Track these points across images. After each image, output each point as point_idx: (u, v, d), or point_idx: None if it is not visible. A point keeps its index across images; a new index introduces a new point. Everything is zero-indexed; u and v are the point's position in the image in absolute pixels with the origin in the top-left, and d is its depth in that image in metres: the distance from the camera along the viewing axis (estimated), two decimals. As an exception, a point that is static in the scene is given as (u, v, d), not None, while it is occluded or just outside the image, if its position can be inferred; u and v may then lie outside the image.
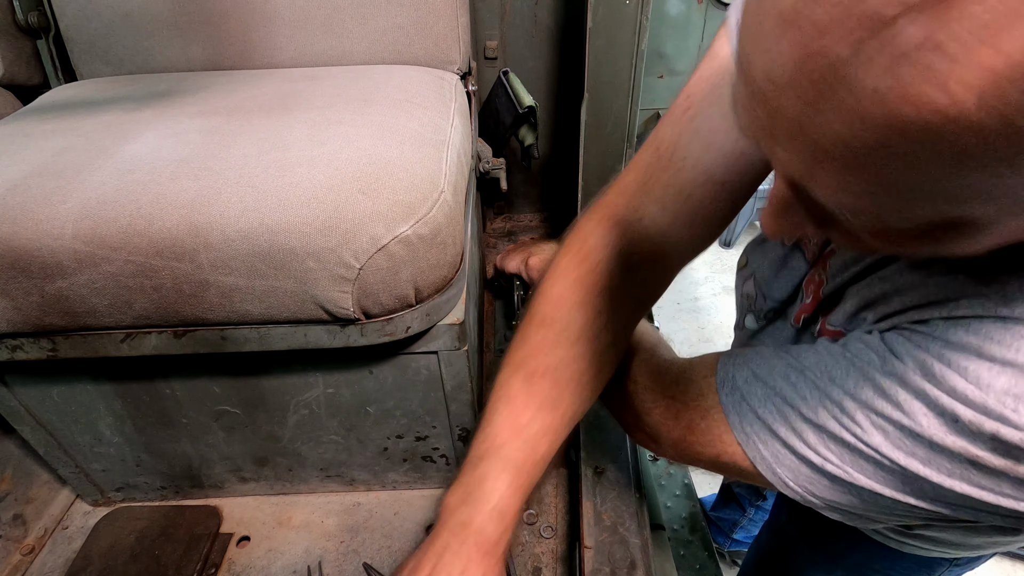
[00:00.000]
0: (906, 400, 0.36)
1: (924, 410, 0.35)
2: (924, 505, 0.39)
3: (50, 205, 0.58)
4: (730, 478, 0.52)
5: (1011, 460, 0.33)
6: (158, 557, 0.79)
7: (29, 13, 0.94)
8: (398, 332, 0.64)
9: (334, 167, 0.61)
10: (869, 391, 0.38)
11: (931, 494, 0.38)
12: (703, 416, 0.50)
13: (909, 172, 0.22)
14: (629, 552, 0.68)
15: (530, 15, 1.18)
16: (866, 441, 0.38)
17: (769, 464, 0.45)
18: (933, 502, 0.38)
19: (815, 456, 0.42)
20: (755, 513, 1.42)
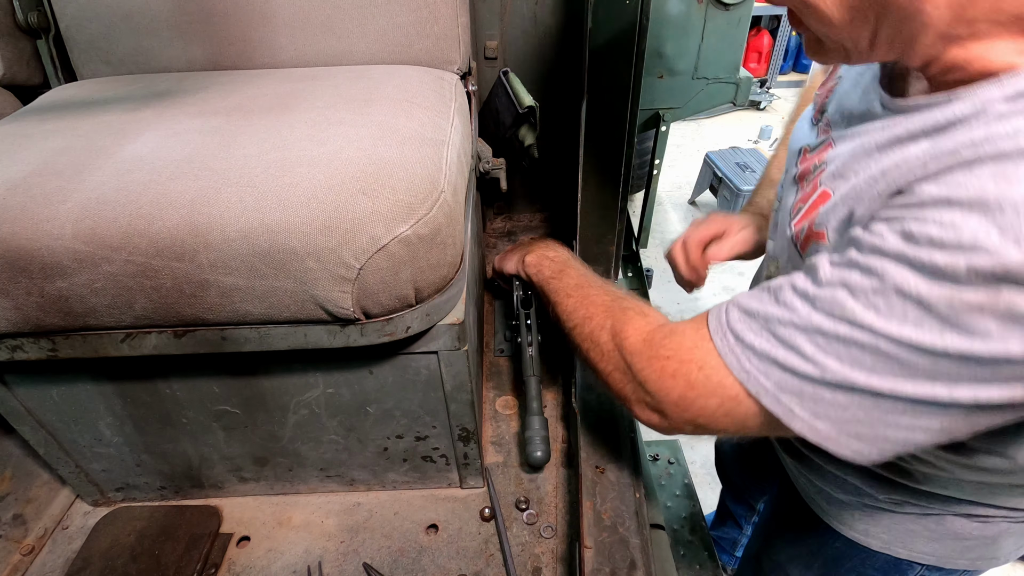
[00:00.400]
0: (890, 268, 0.38)
1: (906, 271, 0.37)
2: (922, 393, 0.39)
3: (50, 205, 0.58)
4: (738, 433, 0.52)
5: (991, 290, 0.34)
6: (158, 557, 0.79)
7: (29, 13, 0.94)
8: (398, 332, 0.64)
9: (334, 167, 0.61)
10: (856, 275, 0.40)
11: (927, 370, 0.38)
12: (700, 367, 0.50)
13: None
14: (629, 552, 0.68)
15: (530, 15, 1.18)
16: (860, 322, 0.40)
17: (773, 395, 0.45)
18: (931, 382, 0.38)
19: (814, 368, 0.43)
20: (752, 530, 1.42)
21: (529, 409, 0.86)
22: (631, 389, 0.59)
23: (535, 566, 0.77)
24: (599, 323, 0.65)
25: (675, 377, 0.52)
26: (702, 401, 0.51)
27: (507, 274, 0.99)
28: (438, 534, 0.82)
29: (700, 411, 0.51)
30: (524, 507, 0.84)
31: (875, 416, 0.42)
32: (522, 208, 1.48)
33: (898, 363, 0.39)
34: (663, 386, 0.53)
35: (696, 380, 0.51)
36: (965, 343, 0.36)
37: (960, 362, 0.37)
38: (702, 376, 0.50)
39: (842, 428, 0.44)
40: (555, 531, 0.81)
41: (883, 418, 0.42)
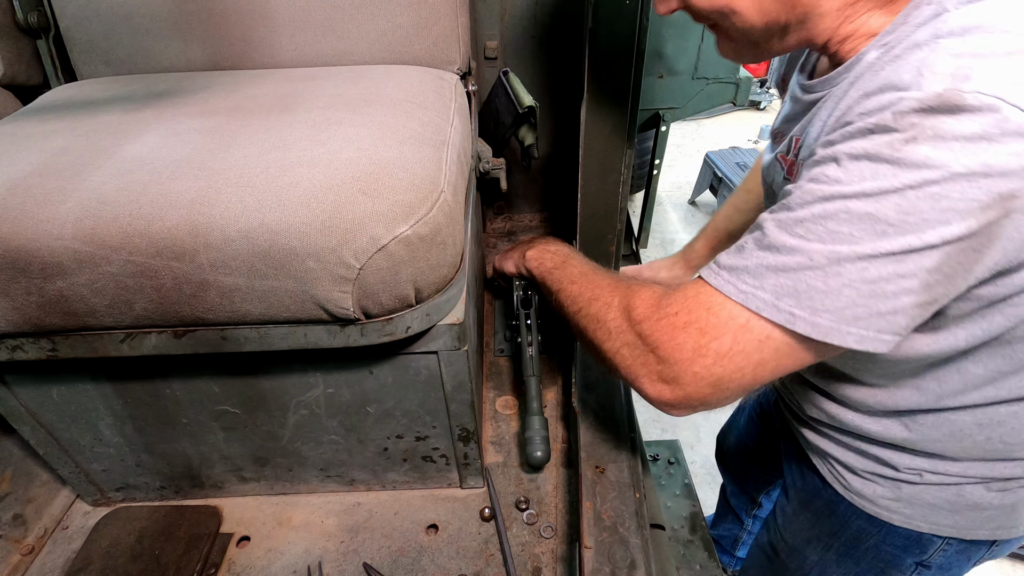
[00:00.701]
0: (839, 148, 0.46)
1: (852, 143, 0.46)
2: (898, 245, 0.44)
3: (50, 205, 0.58)
4: (755, 377, 0.53)
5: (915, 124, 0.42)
6: (158, 557, 0.79)
7: (29, 13, 0.94)
8: (398, 332, 0.64)
9: (334, 167, 0.61)
10: (815, 171, 0.48)
11: (896, 220, 0.44)
12: (707, 308, 0.53)
13: None
14: (629, 552, 0.68)
15: (530, 15, 1.18)
16: (829, 195, 0.46)
17: (772, 304, 0.49)
18: (901, 234, 0.44)
19: (801, 258, 0.47)
20: (753, 524, 1.42)
21: (529, 409, 0.86)
22: (642, 361, 0.58)
23: (535, 566, 0.77)
24: (606, 301, 0.65)
25: (686, 328, 0.54)
26: (716, 344, 0.52)
27: (507, 273, 0.99)
28: (438, 534, 0.82)
29: (716, 357, 0.52)
30: (524, 507, 0.84)
31: (865, 292, 0.46)
32: (522, 208, 1.48)
33: (871, 221, 0.44)
34: (676, 341, 0.54)
35: (706, 323, 0.53)
36: (913, 174, 0.42)
37: (917, 196, 0.42)
38: (711, 317, 0.53)
39: (840, 316, 0.47)
40: (555, 531, 0.81)
41: (872, 290, 0.46)
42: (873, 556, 0.80)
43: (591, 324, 0.67)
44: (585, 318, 0.69)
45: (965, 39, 0.44)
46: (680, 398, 0.57)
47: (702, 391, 0.55)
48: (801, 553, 0.89)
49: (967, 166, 0.41)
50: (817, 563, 0.87)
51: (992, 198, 0.41)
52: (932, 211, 0.42)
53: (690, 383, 0.55)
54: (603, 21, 0.82)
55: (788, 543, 0.92)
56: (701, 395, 0.55)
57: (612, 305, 0.64)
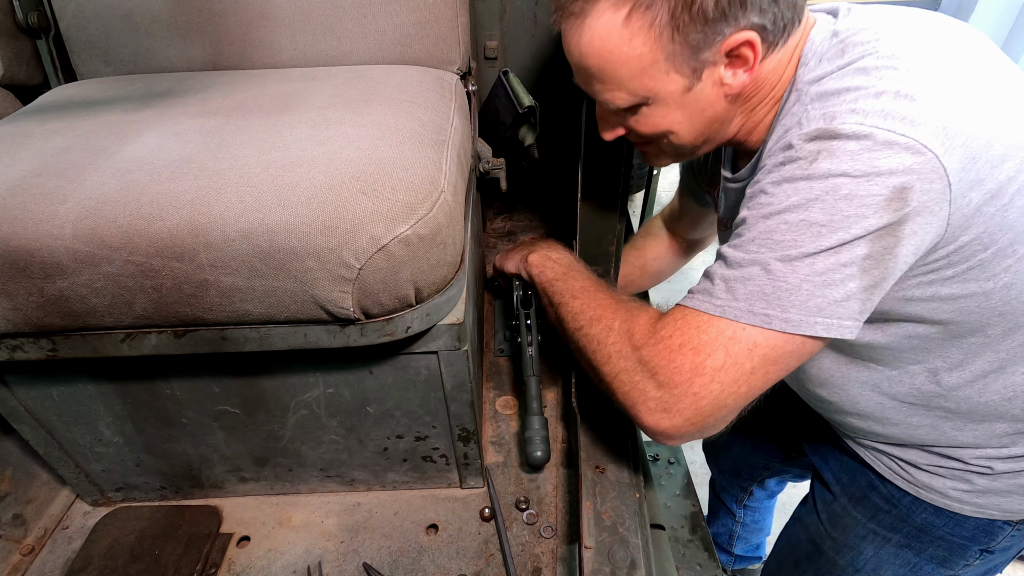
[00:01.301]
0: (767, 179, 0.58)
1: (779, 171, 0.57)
2: (835, 239, 0.53)
3: (50, 205, 0.58)
4: (748, 389, 0.58)
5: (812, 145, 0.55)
6: (158, 557, 0.79)
7: (29, 13, 0.94)
8: (398, 332, 0.64)
9: (334, 167, 0.61)
10: (756, 200, 0.58)
11: (826, 220, 0.53)
12: (696, 328, 0.59)
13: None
14: (629, 552, 0.68)
15: (530, 15, 1.18)
16: (771, 212, 0.56)
17: (748, 309, 0.56)
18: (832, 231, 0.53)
19: (759, 268, 0.56)
20: (745, 515, 1.42)
21: (529, 409, 0.86)
22: (640, 388, 0.61)
23: (535, 566, 0.77)
24: (607, 324, 0.68)
25: (682, 349, 0.58)
26: (711, 360, 0.57)
27: (508, 273, 0.99)
28: (438, 534, 0.82)
29: (712, 373, 0.57)
30: (524, 507, 0.84)
31: (819, 283, 0.54)
32: (522, 208, 1.48)
33: (806, 226, 0.54)
34: (674, 364, 0.58)
35: (698, 341, 0.58)
36: (825, 183, 0.53)
37: (835, 199, 0.52)
38: (701, 335, 0.58)
39: (805, 308, 0.55)
40: (555, 531, 0.81)
41: (824, 280, 0.54)
42: (937, 547, 0.80)
43: (591, 345, 0.69)
44: (585, 337, 0.71)
45: (825, 100, 0.57)
46: (677, 425, 0.59)
47: (700, 413, 0.58)
48: (854, 548, 0.88)
49: (860, 170, 0.52)
50: (872, 557, 0.87)
51: (890, 191, 0.51)
52: (850, 208, 0.52)
53: (689, 406, 0.58)
54: (603, 21, 0.82)
55: (837, 539, 0.90)
56: (699, 417, 0.59)
57: (613, 328, 0.67)
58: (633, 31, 0.59)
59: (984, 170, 0.53)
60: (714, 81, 0.62)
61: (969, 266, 0.58)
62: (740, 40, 0.58)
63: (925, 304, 0.62)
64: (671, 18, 0.57)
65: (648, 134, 0.69)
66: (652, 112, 0.66)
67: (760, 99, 0.66)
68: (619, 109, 0.67)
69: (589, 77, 0.65)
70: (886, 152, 0.51)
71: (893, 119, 0.51)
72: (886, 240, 0.53)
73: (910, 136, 0.51)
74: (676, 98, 0.64)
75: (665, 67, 0.61)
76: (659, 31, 0.58)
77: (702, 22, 0.57)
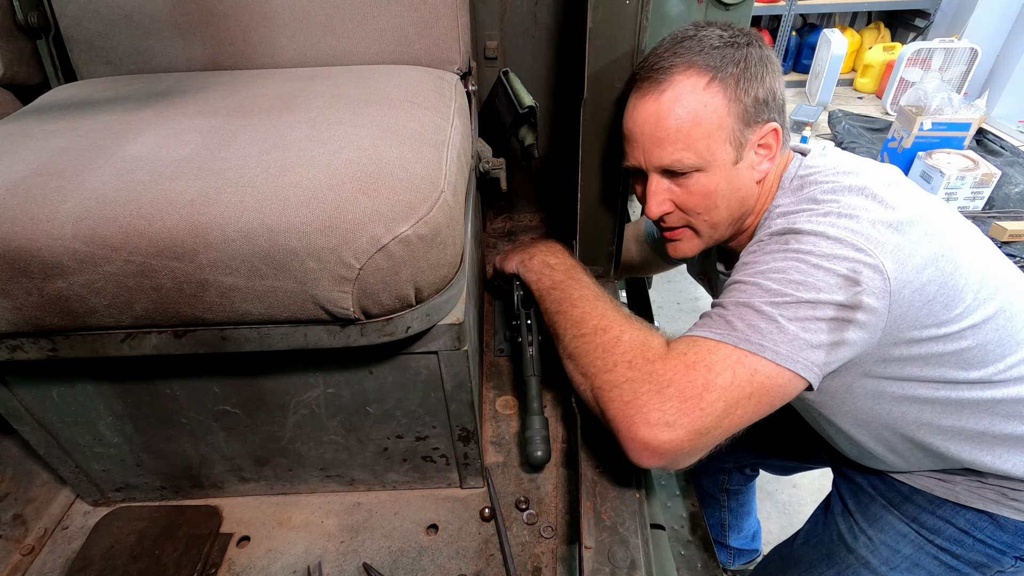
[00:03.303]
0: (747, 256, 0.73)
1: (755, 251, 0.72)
2: (803, 296, 0.64)
3: (50, 205, 0.58)
4: (750, 411, 0.65)
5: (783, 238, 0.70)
6: (158, 557, 0.79)
7: (29, 13, 0.94)
8: (398, 332, 0.64)
9: (334, 167, 0.61)
10: (740, 267, 0.72)
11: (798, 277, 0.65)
12: (708, 350, 0.65)
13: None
14: (629, 552, 0.68)
15: (530, 15, 1.18)
16: (753, 272, 0.69)
17: (746, 339, 0.64)
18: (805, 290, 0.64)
19: (753, 311, 0.65)
20: (730, 501, 1.43)
21: (529, 409, 0.86)
22: (644, 400, 0.64)
23: (535, 566, 0.77)
24: (616, 335, 0.72)
25: (696, 365, 0.64)
26: (720, 378, 0.63)
27: (508, 274, 0.99)
28: (438, 534, 0.82)
29: (720, 391, 0.63)
30: (524, 507, 0.84)
31: (799, 328, 0.64)
32: (522, 208, 1.48)
33: (787, 281, 0.65)
34: (688, 378, 0.64)
35: (711, 360, 0.64)
36: (798, 255, 0.66)
37: (807, 266, 0.65)
38: (712, 355, 0.65)
39: (792, 346, 0.63)
40: (555, 531, 0.81)
41: (804, 327, 0.64)
42: (977, 552, 0.83)
43: (595, 352, 0.72)
44: (588, 344, 0.73)
45: (786, 217, 0.73)
46: (674, 440, 0.63)
47: (700, 430, 0.63)
48: (891, 547, 0.90)
49: (823, 251, 0.65)
50: (909, 556, 0.89)
51: (847, 270, 0.64)
52: (819, 275, 0.64)
53: (694, 421, 0.62)
54: (603, 21, 0.82)
55: (874, 538, 0.92)
56: (697, 435, 0.63)
57: (623, 339, 0.71)
58: (711, 94, 0.73)
59: (911, 274, 0.65)
60: (749, 164, 0.77)
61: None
62: (769, 128, 0.76)
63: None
64: (736, 89, 0.73)
65: (693, 206, 0.79)
66: (705, 179, 0.76)
67: (759, 205, 0.81)
68: (677, 176, 0.77)
69: (661, 140, 0.75)
70: (838, 244, 0.65)
71: (838, 227, 0.66)
72: (846, 312, 0.64)
73: (853, 240, 0.65)
74: (726, 168, 0.76)
75: (725, 136, 0.74)
76: (729, 98, 0.73)
77: (752, 101, 0.74)
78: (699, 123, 0.73)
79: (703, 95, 0.73)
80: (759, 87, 0.73)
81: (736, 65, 0.73)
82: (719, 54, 0.73)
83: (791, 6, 3.56)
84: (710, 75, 0.72)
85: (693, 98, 0.73)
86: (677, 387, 0.64)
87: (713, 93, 0.72)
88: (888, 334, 0.68)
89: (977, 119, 2.41)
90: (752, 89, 0.73)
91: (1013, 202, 2.27)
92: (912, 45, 3.19)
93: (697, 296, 2.61)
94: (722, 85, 0.72)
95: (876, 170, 0.75)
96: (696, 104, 0.73)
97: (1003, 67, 3.26)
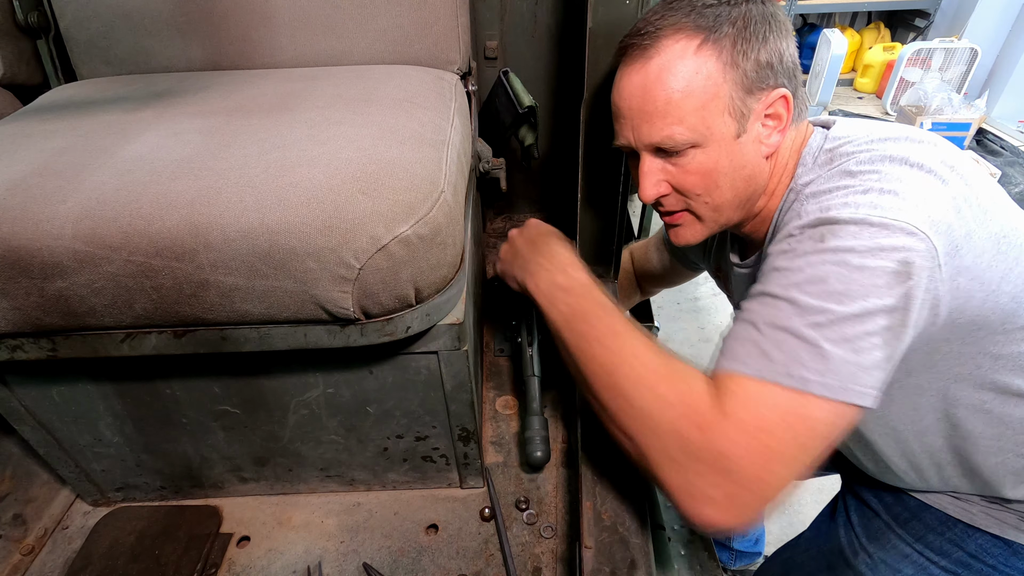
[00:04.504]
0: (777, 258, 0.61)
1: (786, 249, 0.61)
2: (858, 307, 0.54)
3: (50, 205, 0.58)
4: (804, 454, 0.56)
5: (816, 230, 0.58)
6: (158, 557, 0.79)
7: (29, 13, 0.94)
8: (398, 332, 0.64)
9: (334, 167, 0.61)
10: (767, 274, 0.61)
11: (845, 288, 0.55)
12: (748, 395, 0.56)
13: None
14: (629, 552, 0.68)
15: (530, 15, 1.18)
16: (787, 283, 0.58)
17: (786, 371, 0.55)
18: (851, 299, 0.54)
19: (797, 326, 0.56)
20: None
21: (529, 409, 0.86)
22: (707, 479, 0.55)
23: (535, 566, 0.77)
24: (658, 392, 0.61)
25: (754, 435, 0.54)
26: (781, 446, 0.54)
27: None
28: (438, 534, 0.82)
29: (783, 459, 0.54)
30: (524, 507, 0.84)
31: (849, 349, 0.54)
32: (522, 208, 1.48)
33: (827, 293, 0.55)
34: (749, 454, 0.54)
35: (764, 419, 0.54)
36: (836, 255, 0.56)
37: (848, 270, 0.55)
38: (762, 410, 0.55)
39: (842, 376, 0.54)
40: (555, 531, 0.81)
41: (853, 347, 0.54)
42: (985, 574, 0.78)
43: (635, 414, 0.61)
44: (626, 401, 0.62)
45: (819, 198, 0.62)
46: (744, 516, 0.55)
47: (768, 499, 0.55)
48: (893, 567, 0.85)
49: (865, 246, 0.55)
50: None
51: (896, 264, 0.54)
52: (864, 278, 0.54)
53: (761, 498, 0.55)
54: (603, 21, 0.82)
55: (874, 556, 0.87)
56: (764, 502, 0.55)
57: (668, 400, 0.59)
58: (703, 59, 0.64)
59: (968, 259, 0.57)
60: (754, 138, 0.67)
61: None
62: (777, 96, 0.66)
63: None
64: (732, 52, 0.64)
65: (692, 187, 0.70)
66: (703, 156, 0.67)
67: (773, 184, 0.71)
68: (671, 153, 0.68)
69: (649, 114, 0.67)
70: (883, 232, 0.55)
71: (882, 208, 0.56)
72: (900, 314, 0.55)
73: (901, 220, 0.55)
74: (726, 143, 0.67)
75: (722, 106, 0.65)
76: (724, 63, 0.64)
77: (754, 64, 0.64)
78: (691, 93, 0.64)
79: (694, 60, 0.64)
80: (761, 48, 0.64)
81: (732, 24, 0.64)
82: (712, 13, 0.64)
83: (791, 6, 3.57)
84: (702, 36, 0.64)
85: (683, 65, 0.64)
86: (736, 461, 0.54)
87: (706, 57, 0.64)
88: (945, 329, 0.59)
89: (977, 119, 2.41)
90: (753, 51, 0.64)
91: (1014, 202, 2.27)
92: (912, 45, 3.19)
93: (697, 296, 2.61)
94: (716, 47, 0.64)
95: (921, 136, 0.64)
96: (687, 71, 0.64)
97: (1003, 67, 3.27)
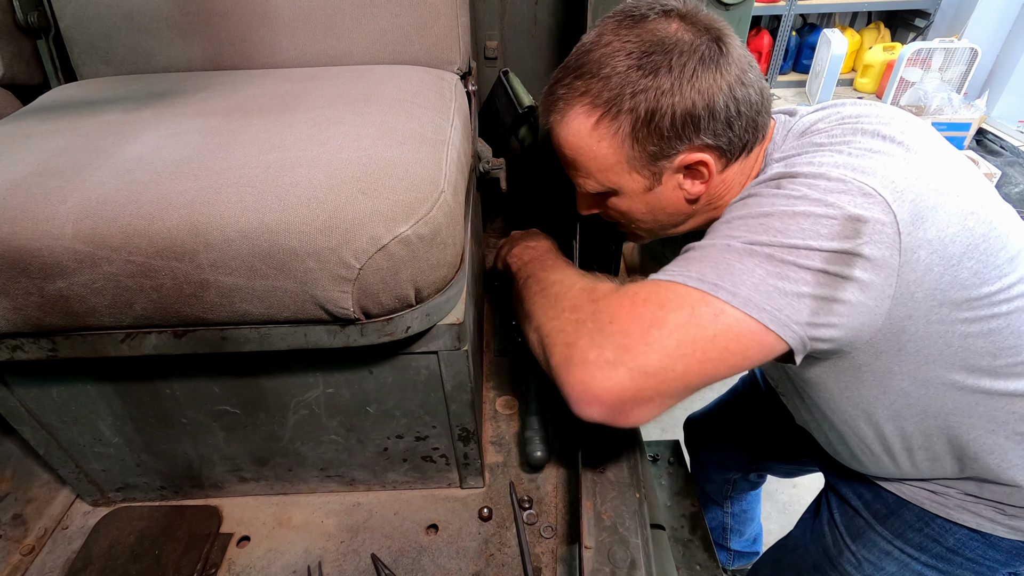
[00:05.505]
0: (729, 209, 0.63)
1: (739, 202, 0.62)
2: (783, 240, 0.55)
3: (50, 205, 0.58)
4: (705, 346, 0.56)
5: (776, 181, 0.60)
6: (158, 557, 0.79)
7: (29, 13, 0.94)
8: (398, 332, 0.64)
9: (334, 167, 0.61)
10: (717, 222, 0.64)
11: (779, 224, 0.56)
12: (664, 288, 0.58)
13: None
14: (629, 552, 0.68)
15: (530, 15, 1.18)
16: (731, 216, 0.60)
17: (698, 278, 0.57)
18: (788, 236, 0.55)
19: (719, 250, 0.58)
20: (733, 506, 1.42)
21: (529, 409, 0.86)
22: (585, 341, 0.58)
23: (535, 566, 0.77)
24: (570, 283, 0.68)
25: (646, 302, 0.58)
26: (674, 316, 0.56)
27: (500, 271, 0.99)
28: (438, 534, 0.82)
29: (672, 328, 0.55)
30: (524, 507, 0.84)
31: (772, 273, 0.55)
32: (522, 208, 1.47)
33: (765, 228, 0.56)
34: (634, 311, 0.58)
35: (664, 298, 0.57)
36: (788, 201, 0.56)
37: (794, 212, 0.55)
38: (667, 292, 0.58)
39: (759, 294, 0.54)
40: (555, 531, 0.81)
41: (778, 272, 0.54)
42: (966, 569, 0.78)
43: (547, 302, 0.68)
44: (543, 296, 0.70)
45: (784, 162, 0.62)
46: (614, 382, 0.55)
47: (645, 371, 0.55)
48: (876, 564, 0.87)
49: (816, 197, 0.55)
50: (894, 574, 0.85)
51: (844, 219, 0.53)
52: (807, 224, 0.54)
53: (636, 358, 0.55)
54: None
55: (857, 553, 0.89)
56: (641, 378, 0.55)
57: (575, 286, 0.67)
58: (600, 135, 0.66)
59: (931, 232, 0.55)
60: (673, 186, 0.69)
61: None
62: (694, 159, 0.66)
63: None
64: (632, 130, 0.64)
65: (617, 218, 0.77)
66: (620, 201, 0.72)
67: (727, 197, 0.71)
68: (592, 194, 0.74)
69: (567, 164, 0.73)
70: (840, 186, 0.55)
71: (844, 168, 0.56)
72: (840, 265, 0.54)
73: (860, 180, 0.55)
74: (639, 194, 0.70)
75: (628, 168, 0.68)
76: (621, 139, 0.65)
77: (658, 137, 0.64)
78: (594, 158, 0.68)
79: (592, 133, 0.66)
80: (675, 112, 0.62)
81: (635, 97, 0.62)
82: (620, 81, 0.63)
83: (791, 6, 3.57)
84: (598, 115, 0.65)
85: (582, 136, 0.67)
86: (620, 323, 0.57)
87: (602, 133, 0.66)
88: (899, 304, 0.57)
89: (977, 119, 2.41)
90: (663, 119, 0.62)
91: (1013, 202, 2.28)
92: (912, 45, 3.20)
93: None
94: (612, 126, 0.65)
95: (896, 113, 0.64)
96: (586, 142, 0.67)
97: (1003, 67, 3.27)
